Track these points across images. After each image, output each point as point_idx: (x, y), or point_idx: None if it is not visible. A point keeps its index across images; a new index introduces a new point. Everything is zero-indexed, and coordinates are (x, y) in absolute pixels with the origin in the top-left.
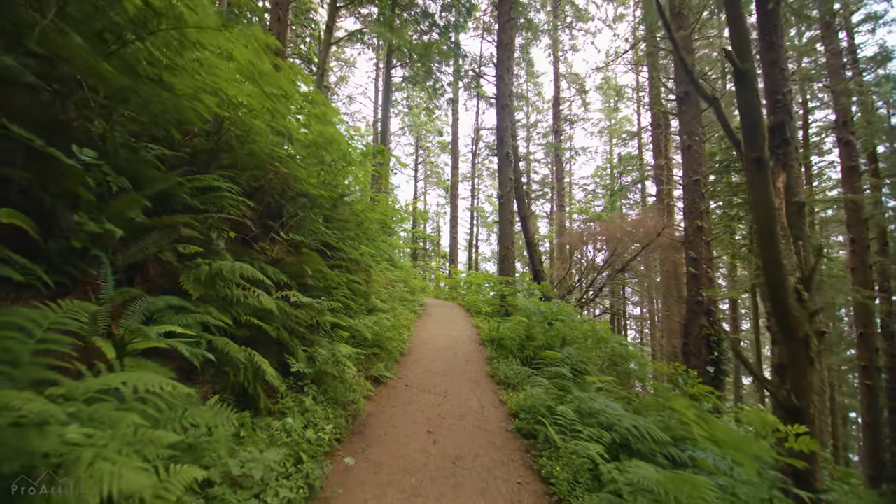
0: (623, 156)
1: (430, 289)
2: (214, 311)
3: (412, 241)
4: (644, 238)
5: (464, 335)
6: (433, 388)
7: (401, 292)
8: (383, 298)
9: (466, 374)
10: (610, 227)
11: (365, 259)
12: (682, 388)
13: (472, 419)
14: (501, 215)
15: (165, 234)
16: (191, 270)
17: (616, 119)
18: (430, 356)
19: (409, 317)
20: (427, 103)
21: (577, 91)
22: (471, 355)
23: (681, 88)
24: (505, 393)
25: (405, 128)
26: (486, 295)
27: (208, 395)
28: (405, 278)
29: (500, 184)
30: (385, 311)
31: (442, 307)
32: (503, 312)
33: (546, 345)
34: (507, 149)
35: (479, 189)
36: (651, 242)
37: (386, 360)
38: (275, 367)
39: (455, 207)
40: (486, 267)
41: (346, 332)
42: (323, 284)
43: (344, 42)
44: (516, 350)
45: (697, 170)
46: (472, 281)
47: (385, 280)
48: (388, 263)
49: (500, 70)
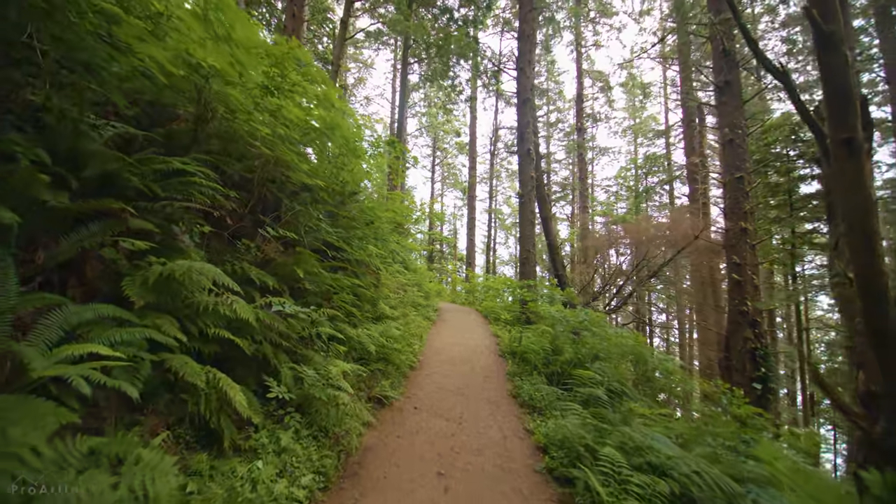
0: (649, 155)
1: (446, 292)
2: (166, 324)
3: (428, 243)
4: (679, 241)
5: (481, 345)
6: (446, 412)
7: (413, 297)
8: (393, 304)
9: (485, 393)
10: (639, 230)
11: (373, 261)
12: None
13: (492, 455)
14: (522, 216)
15: (108, 225)
16: (138, 272)
17: (641, 118)
18: (443, 370)
19: (422, 324)
20: (445, 102)
21: (600, 88)
22: (489, 369)
23: (721, 77)
24: (530, 419)
25: (422, 129)
26: (504, 300)
27: (158, 429)
28: (419, 282)
29: (521, 183)
30: (395, 318)
31: (458, 312)
32: (524, 320)
33: (575, 360)
34: (529, 145)
35: (497, 191)
36: (687, 246)
37: (393, 377)
38: (254, 389)
39: (472, 209)
40: (503, 270)
41: (346, 346)
42: (322, 289)
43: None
44: (541, 365)
45: (741, 166)
46: (490, 285)
47: (396, 284)
48: (400, 266)
49: (521, 62)
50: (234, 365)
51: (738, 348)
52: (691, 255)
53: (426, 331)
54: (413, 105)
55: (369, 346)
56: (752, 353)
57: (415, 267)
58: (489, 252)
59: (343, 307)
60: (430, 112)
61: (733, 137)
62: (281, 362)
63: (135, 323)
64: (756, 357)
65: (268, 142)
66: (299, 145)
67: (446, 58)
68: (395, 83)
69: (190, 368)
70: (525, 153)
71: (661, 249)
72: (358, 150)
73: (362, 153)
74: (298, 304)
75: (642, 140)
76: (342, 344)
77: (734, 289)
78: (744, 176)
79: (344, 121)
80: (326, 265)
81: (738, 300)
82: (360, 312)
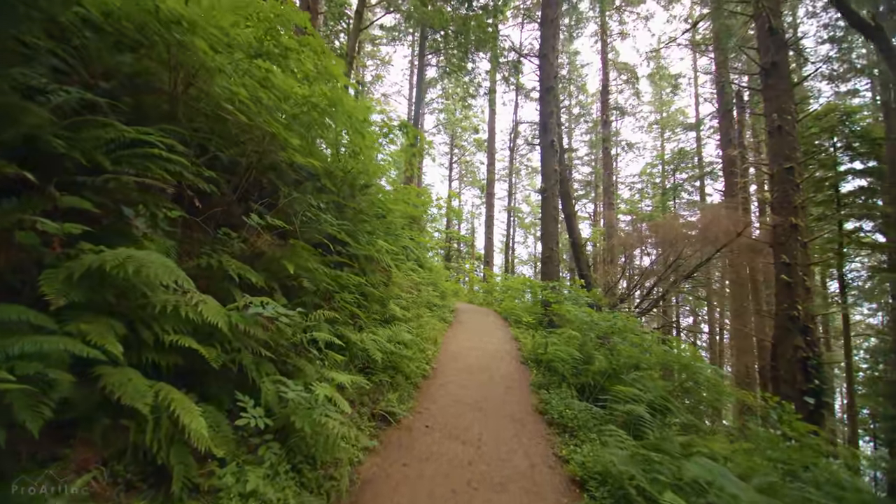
0: (677, 151)
1: (464, 292)
2: (97, 330)
3: (445, 242)
4: (718, 239)
5: (502, 350)
6: (462, 432)
7: (429, 297)
8: (406, 305)
9: (507, 408)
10: (671, 228)
11: (382, 257)
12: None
13: (518, 491)
14: (544, 212)
15: (28, 202)
16: (62, 264)
17: (668, 112)
18: (459, 379)
19: (437, 326)
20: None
21: (626, 80)
22: (511, 378)
23: (767, 58)
24: (561, 441)
25: (440, 126)
26: (524, 301)
27: (89, 464)
28: (435, 281)
29: (544, 176)
30: (407, 320)
31: (476, 314)
32: (547, 323)
33: (610, 371)
34: (552, 137)
35: (517, 188)
36: (729, 244)
37: (402, 388)
38: (229, 409)
39: (491, 207)
40: (522, 270)
41: (347, 353)
42: (321, 288)
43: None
44: (570, 375)
45: (790, 155)
46: (510, 285)
47: (409, 283)
48: (414, 264)
49: (545, 48)
50: (205, 380)
51: (787, 357)
52: (729, 255)
53: (441, 333)
54: (431, 102)
55: (375, 354)
56: (804, 363)
57: (430, 265)
58: (508, 251)
59: (346, 308)
60: (448, 108)
61: (782, 124)
62: (263, 375)
63: (52, 330)
64: (808, 367)
65: (245, 108)
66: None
67: (465, 48)
68: (413, 79)
69: (132, 387)
70: (548, 145)
71: (696, 248)
72: (363, 131)
73: (369, 136)
74: (291, 305)
75: (669, 135)
76: (342, 352)
77: (783, 291)
78: (794, 167)
79: (347, 96)
80: (328, 261)
81: (788, 304)
82: (365, 314)
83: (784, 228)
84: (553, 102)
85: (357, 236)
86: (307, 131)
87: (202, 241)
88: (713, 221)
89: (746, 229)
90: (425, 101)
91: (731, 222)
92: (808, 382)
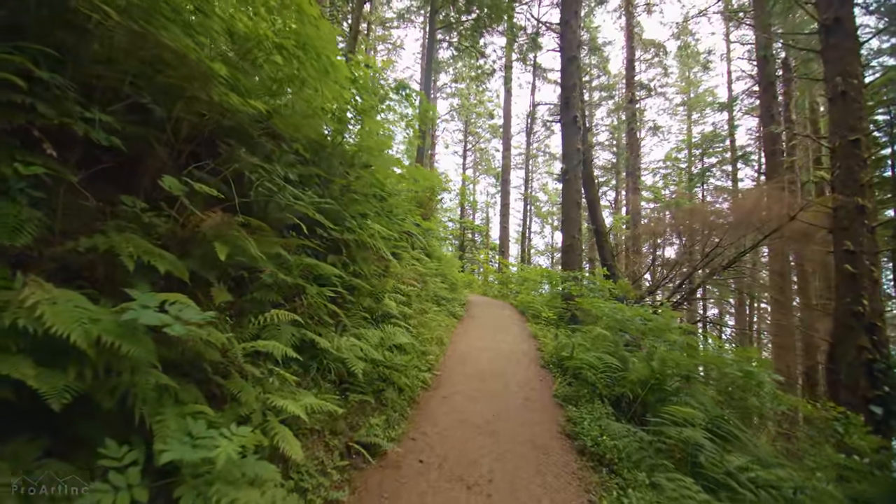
0: (707, 133)
1: (477, 283)
2: None
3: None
4: (768, 223)
5: (518, 350)
6: (468, 469)
7: (436, 289)
8: (407, 299)
9: (526, 430)
10: (708, 213)
11: (377, 244)
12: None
13: None
14: (566, 196)
15: None
16: None
17: (696, 93)
18: (468, 388)
19: (445, 322)
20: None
21: (653, 56)
22: (530, 387)
23: (829, 14)
24: (599, 483)
25: (453, 112)
26: (542, 293)
27: None
28: (445, 272)
29: (565, 157)
30: (408, 317)
31: (489, 307)
32: (569, 318)
33: (653, 381)
34: (574, 112)
35: (533, 177)
36: (780, 229)
37: (392, 407)
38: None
39: (506, 194)
40: (539, 261)
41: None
42: (280, 281)
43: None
44: (603, 386)
45: (857, 126)
46: (527, 276)
47: (413, 274)
48: (420, 252)
49: (566, 14)
50: (73, 418)
51: (849, 359)
52: (779, 241)
53: (450, 331)
54: (444, 87)
55: (354, 365)
56: (869, 366)
57: (440, 254)
58: (524, 241)
59: (321, 306)
60: (462, 93)
61: (846, 89)
62: (166, 408)
63: None
64: (874, 371)
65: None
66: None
67: (478, 23)
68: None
69: None
70: (570, 121)
71: (740, 234)
72: (337, 73)
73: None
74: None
75: (697, 116)
76: (313, 362)
77: (845, 283)
78: (860, 139)
79: (318, 33)
80: (291, 244)
81: (851, 298)
82: (348, 313)
83: (848, 210)
84: (576, 74)
85: (343, 218)
86: (278, 86)
87: (105, 213)
88: (758, 204)
89: (800, 212)
90: (438, 87)
91: (781, 205)
92: (874, 389)
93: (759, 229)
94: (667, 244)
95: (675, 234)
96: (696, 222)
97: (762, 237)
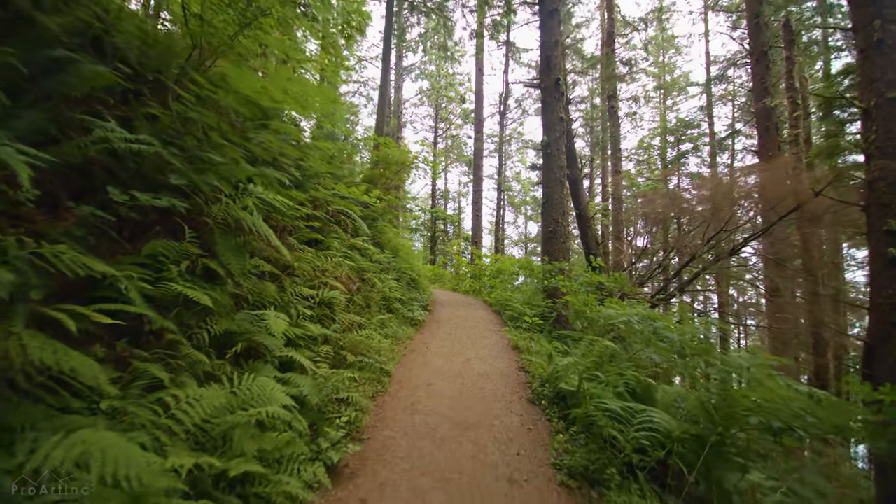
0: (680, 119)
1: (448, 277)
2: None
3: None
4: (784, 202)
5: (495, 372)
6: None
7: (387, 289)
8: (322, 312)
9: None
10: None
11: (255, 223)
12: None
13: None
14: (547, 174)
15: None
16: None
17: (672, 77)
18: (412, 468)
19: (399, 334)
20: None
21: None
22: (516, 450)
23: None
24: None
25: (422, 96)
26: (522, 288)
27: None
28: (403, 266)
29: (546, 127)
30: (320, 341)
31: (459, 307)
32: (553, 320)
33: (714, 437)
34: (557, 74)
35: (507, 164)
36: (802, 206)
37: None
38: None
39: (479, 180)
40: (513, 252)
41: None
42: None
43: None
44: (631, 448)
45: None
46: (502, 268)
47: (346, 273)
48: (366, 241)
49: None
50: None
51: (892, 361)
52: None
53: (401, 349)
54: (412, 69)
55: None
56: None
57: (397, 243)
58: (497, 230)
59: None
60: (430, 74)
61: (884, 37)
62: None
63: None
64: None
65: None
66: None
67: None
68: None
69: None
70: (552, 85)
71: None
72: None
73: None
74: None
75: (671, 103)
76: None
77: (887, 272)
78: None
79: None
80: None
81: (893, 290)
82: (153, 355)
83: (890, 182)
84: (557, 30)
85: (185, 173)
86: None
87: None
88: (764, 183)
89: (827, 186)
90: (405, 67)
91: (797, 181)
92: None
93: (774, 209)
94: (659, 229)
95: (677, 216)
96: (711, 197)
97: (778, 218)
